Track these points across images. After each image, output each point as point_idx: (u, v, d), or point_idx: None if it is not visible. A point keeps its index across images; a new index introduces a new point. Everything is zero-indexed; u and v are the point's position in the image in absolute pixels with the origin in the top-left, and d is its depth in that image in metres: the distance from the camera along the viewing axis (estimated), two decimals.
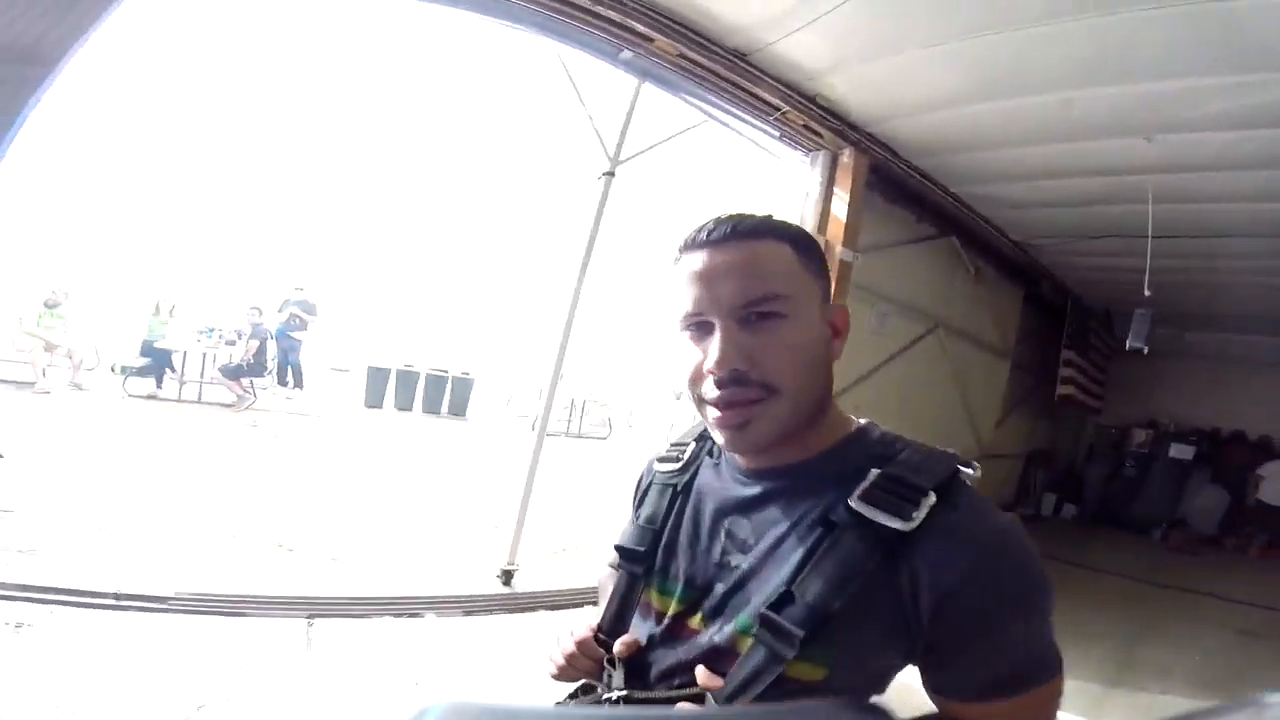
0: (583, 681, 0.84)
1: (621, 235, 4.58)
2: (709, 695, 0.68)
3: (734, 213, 0.73)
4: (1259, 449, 7.62)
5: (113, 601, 2.78)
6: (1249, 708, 0.30)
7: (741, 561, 0.72)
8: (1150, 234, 3.60)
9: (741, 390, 0.67)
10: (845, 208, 4.07)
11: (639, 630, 0.81)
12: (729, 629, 0.70)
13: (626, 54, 3.38)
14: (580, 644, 0.82)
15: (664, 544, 0.81)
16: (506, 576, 3.67)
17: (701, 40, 3.14)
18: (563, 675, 0.84)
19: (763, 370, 0.67)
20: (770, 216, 0.74)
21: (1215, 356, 7.46)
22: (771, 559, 0.70)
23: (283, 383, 8.60)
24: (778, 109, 3.65)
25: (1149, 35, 2.67)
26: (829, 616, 0.63)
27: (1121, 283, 5.98)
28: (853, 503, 0.65)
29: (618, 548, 0.86)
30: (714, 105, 3.76)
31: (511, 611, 3.34)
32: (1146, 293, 3.65)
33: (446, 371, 9.27)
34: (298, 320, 8.63)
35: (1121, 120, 3.32)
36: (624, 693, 0.75)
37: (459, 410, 9.23)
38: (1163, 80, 2.97)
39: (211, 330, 8.01)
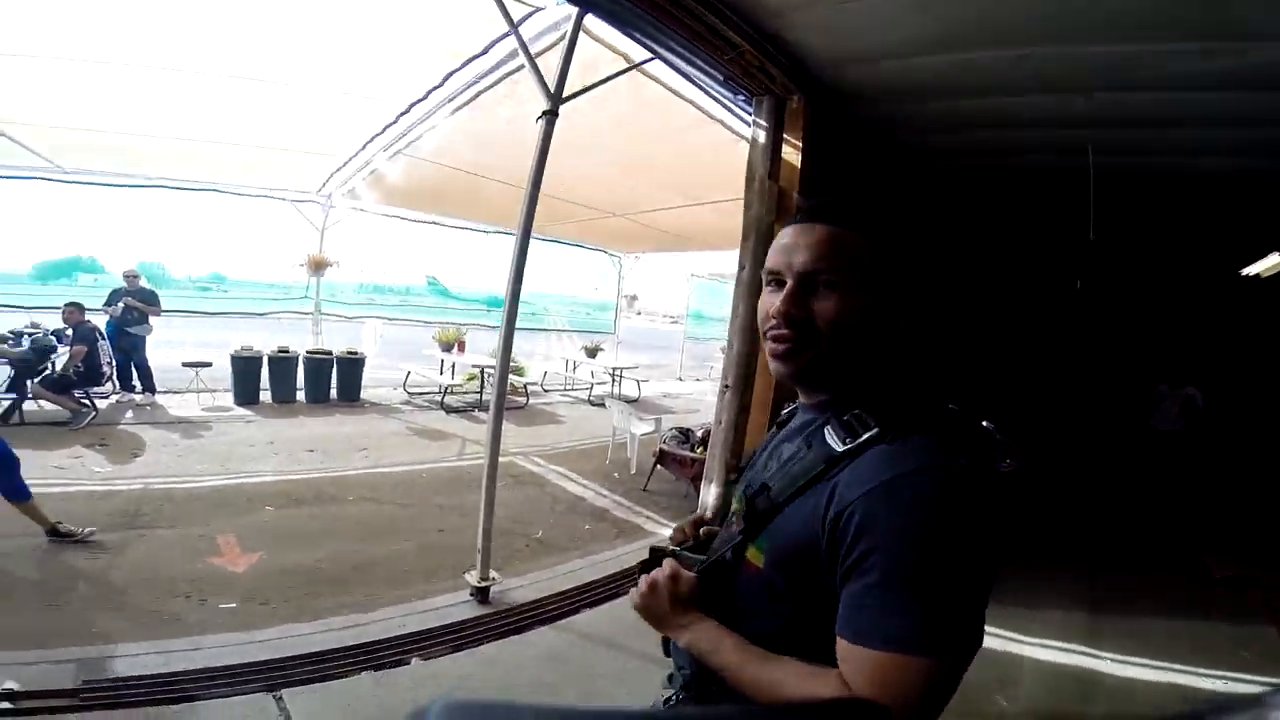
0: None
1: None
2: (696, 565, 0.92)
3: (834, 199, 0.88)
4: None
5: (9, 705, 2.14)
6: (1251, 707, 0.32)
7: (774, 478, 0.86)
8: (1092, 183, 3.70)
9: (792, 333, 0.83)
10: (799, 155, 3.85)
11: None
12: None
13: None
14: (688, 524, 1.10)
15: (754, 463, 1.02)
16: (482, 594, 3.27)
17: None
18: (672, 541, 1.06)
19: (810, 323, 0.83)
20: (859, 209, 0.87)
21: None
22: (782, 478, 0.84)
23: (128, 388, 7.22)
24: (736, 47, 3.31)
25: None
26: (776, 508, 0.82)
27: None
28: (826, 428, 0.82)
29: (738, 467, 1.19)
30: (663, 41, 3.36)
31: (503, 635, 2.96)
32: (1092, 237, 3.79)
33: (330, 353, 8.19)
34: (135, 314, 7.24)
35: (1068, 77, 3.32)
36: (673, 548, 0.99)
37: (350, 395, 8.22)
38: (1110, 44, 2.97)
39: (20, 336, 6.48)
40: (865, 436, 0.77)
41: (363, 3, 3.71)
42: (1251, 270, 6.16)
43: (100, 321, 6.93)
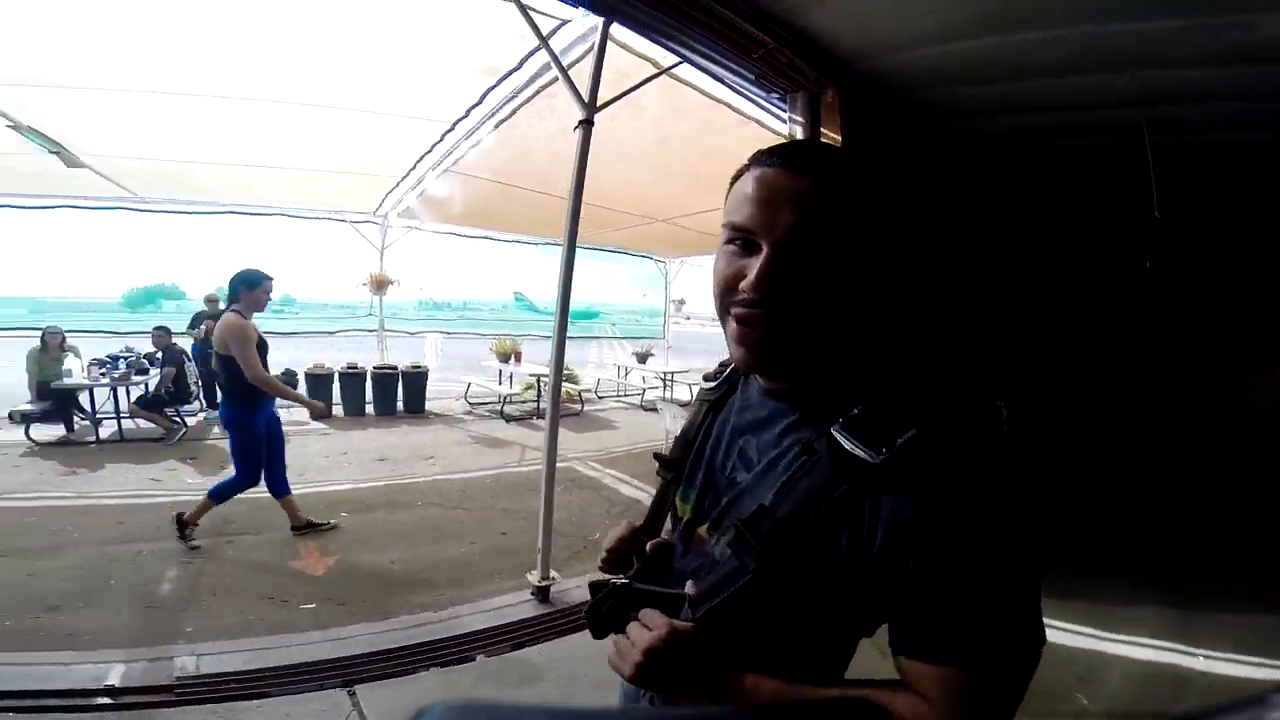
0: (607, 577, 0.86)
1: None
2: (686, 602, 0.72)
3: (819, 142, 0.77)
4: None
5: (109, 700, 2.37)
6: (1251, 707, 0.29)
7: (744, 478, 0.78)
8: (1151, 162, 3.54)
9: (768, 315, 0.68)
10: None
11: (671, 534, 0.90)
12: (723, 540, 0.73)
13: None
14: (619, 539, 0.95)
15: (693, 455, 0.89)
16: (543, 593, 3.38)
17: None
18: (604, 565, 0.94)
19: (795, 303, 0.67)
20: (854, 157, 0.71)
21: None
22: (766, 478, 0.74)
23: (213, 406, 7.76)
24: (763, 44, 3.33)
25: None
26: (792, 536, 0.67)
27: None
28: (834, 430, 0.67)
29: (656, 456, 0.96)
30: (689, 45, 3.40)
31: (563, 632, 3.06)
32: (1156, 214, 3.62)
33: (395, 367, 8.61)
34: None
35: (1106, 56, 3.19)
36: (623, 581, 0.80)
37: (415, 407, 8.60)
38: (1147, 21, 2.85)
39: (116, 360, 7.06)
40: (900, 443, 0.63)
41: (402, 28, 3.89)
42: None
43: (186, 344, 7.47)
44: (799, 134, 3.93)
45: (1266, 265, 6.57)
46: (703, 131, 4.71)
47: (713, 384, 0.94)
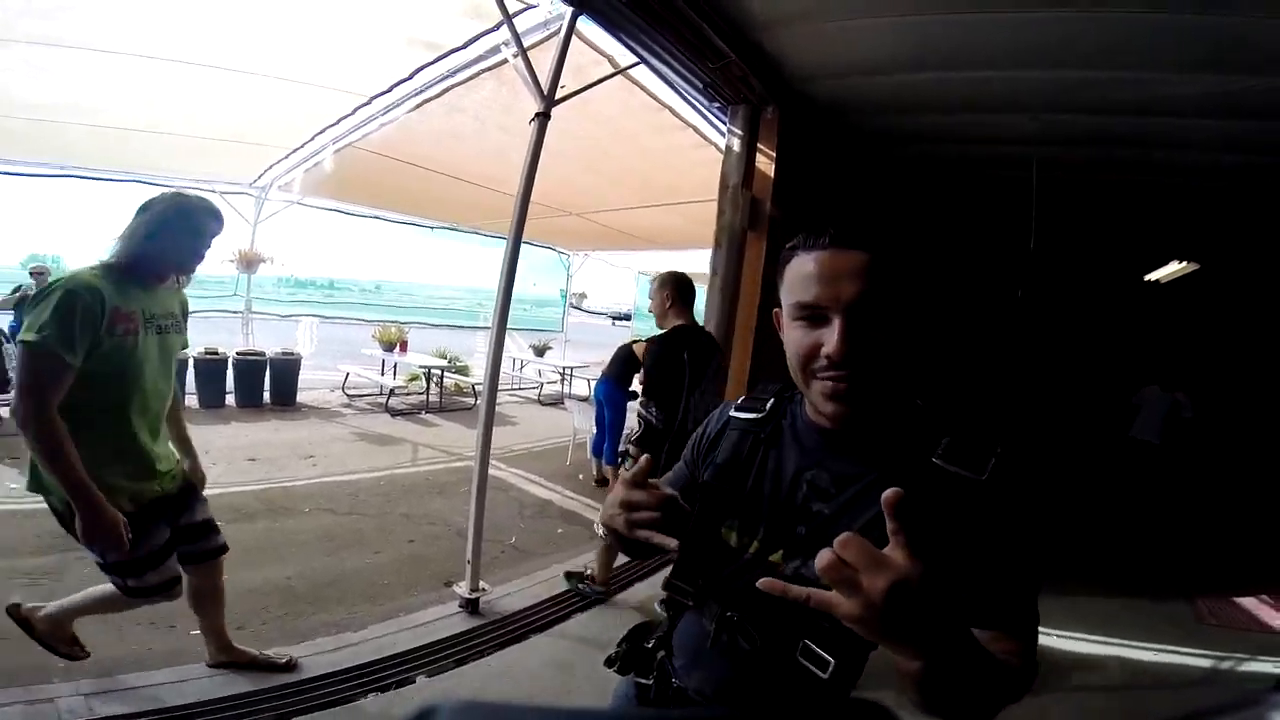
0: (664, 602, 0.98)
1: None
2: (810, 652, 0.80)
3: (862, 217, 0.84)
4: None
5: None
6: (1250, 707, 0.30)
7: (824, 508, 0.86)
8: (1034, 197, 4.00)
9: (852, 374, 0.79)
10: (772, 164, 3.96)
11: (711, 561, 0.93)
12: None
13: None
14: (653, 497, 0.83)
15: (749, 488, 0.93)
16: (472, 605, 3.21)
17: None
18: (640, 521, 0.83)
19: (868, 359, 0.79)
20: (886, 229, 0.82)
21: None
22: (855, 507, 0.83)
23: None
24: (724, 56, 3.37)
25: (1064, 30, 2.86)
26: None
27: None
28: (936, 460, 0.80)
29: (705, 484, 0.96)
30: (650, 47, 3.37)
31: (502, 645, 2.91)
32: (1031, 246, 4.08)
33: (263, 354, 7.72)
34: None
35: (1017, 99, 3.58)
36: (729, 614, 0.89)
37: (285, 399, 7.75)
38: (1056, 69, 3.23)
39: None
40: (992, 465, 0.79)
41: None
42: (1154, 275, 6.78)
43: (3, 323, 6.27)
44: (736, 145, 4.04)
45: (1135, 294, 7.49)
46: (641, 132, 4.68)
47: (759, 415, 0.97)
